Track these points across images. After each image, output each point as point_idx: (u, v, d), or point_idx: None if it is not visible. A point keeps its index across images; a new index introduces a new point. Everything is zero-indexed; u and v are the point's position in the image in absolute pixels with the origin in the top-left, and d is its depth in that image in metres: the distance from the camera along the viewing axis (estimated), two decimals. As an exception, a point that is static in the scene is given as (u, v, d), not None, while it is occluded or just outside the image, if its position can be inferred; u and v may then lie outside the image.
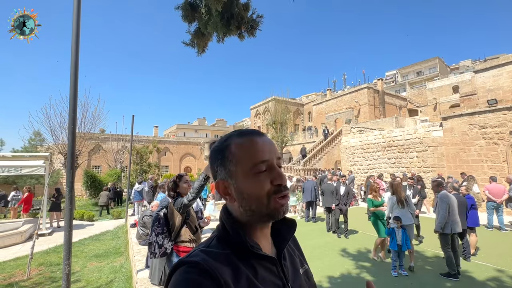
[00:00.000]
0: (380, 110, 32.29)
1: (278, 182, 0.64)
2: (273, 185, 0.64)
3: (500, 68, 15.02)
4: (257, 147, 0.65)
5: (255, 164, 0.64)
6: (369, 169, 17.12)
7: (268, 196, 0.63)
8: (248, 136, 0.67)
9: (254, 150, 0.65)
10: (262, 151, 0.65)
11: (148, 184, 10.95)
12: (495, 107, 11.58)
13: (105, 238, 8.26)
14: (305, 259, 0.82)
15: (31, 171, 8.98)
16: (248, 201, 0.64)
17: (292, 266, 0.73)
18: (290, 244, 0.80)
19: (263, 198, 0.63)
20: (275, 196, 0.64)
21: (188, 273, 0.54)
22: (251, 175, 0.64)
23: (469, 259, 5.27)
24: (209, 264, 0.56)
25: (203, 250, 0.62)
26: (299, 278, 0.72)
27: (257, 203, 0.64)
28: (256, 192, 0.64)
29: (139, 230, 6.04)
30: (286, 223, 0.75)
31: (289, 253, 0.76)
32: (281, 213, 0.65)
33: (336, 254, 5.82)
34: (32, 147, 18.00)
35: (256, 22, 3.13)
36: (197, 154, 34.81)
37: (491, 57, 37.33)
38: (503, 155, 11.20)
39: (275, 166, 0.66)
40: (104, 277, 5.05)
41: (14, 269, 5.68)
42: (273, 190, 0.64)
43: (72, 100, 2.79)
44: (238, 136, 0.68)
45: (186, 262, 0.57)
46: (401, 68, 49.15)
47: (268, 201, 0.64)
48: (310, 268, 0.82)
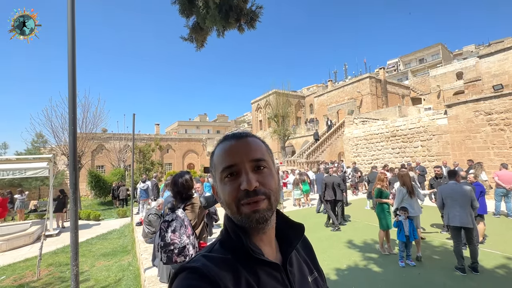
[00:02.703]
0: (383, 100, 31.94)
1: (242, 187, 0.61)
2: (240, 190, 0.61)
3: (505, 52, 14.71)
4: (226, 151, 0.66)
5: (224, 169, 0.64)
6: (373, 160, 17.03)
7: (236, 202, 0.62)
8: (225, 140, 0.69)
9: (223, 155, 0.66)
10: (231, 154, 0.64)
11: (152, 182, 10.98)
12: (501, 93, 11.37)
13: (112, 237, 8.34)
14: (317, 266, 0.79)
15: (35, 173, 9.03)
16: (224, 205, 0.65)
17: (300, 273, 0.70)
18: (300, 250, 0.77)
19: (232, 204, 0.63)
20: (242, 202, 0.61)
21: (189, 279, 0.55)
22: (222, 180, 0.65)
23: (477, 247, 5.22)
24: (209, 269, 0.56)
25: (204, 255, 0.62)
26: (306, 286, 0.68)
27: (230, 209, 0.64)
28: (226, 198, 0.64)
29: (145, 228, 6.08)
30: (293, 228, 0.72)
31: (297, 259, 0.72)
32: (253, 220, 0.61)
33: (342, 246, 5.82)
34: (35, 149, 18.09)
35: (255, 14, 3.03)
36: (200, 151, 34.87)
37: (496, 41, 36.49)
38: (509, 141, 11.05)
39: (242, 170, 0.63)
40: (112, 275, 5.10)
41: (24, 270, 5.76)
42: (239, 195, 0.61)
43: (71, 101, 2.75)
44: (220, 141, 0.70)
45: (187, 267, 0.57)
46: (403, 56, 48.37)
47: (238, 208, 0.62)
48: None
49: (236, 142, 0.66)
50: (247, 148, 0.65)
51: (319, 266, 0.80)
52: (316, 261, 0.80)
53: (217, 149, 0.69)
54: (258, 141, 0.69)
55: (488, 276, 4.15)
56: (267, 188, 0.63)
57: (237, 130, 28.25)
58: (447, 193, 4.54)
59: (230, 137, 0.68)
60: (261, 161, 0.65)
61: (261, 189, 0.62)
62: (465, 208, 4.31)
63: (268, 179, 0.64)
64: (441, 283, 3.98)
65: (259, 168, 0.64)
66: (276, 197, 0.65)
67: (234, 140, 0.67)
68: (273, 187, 0.65)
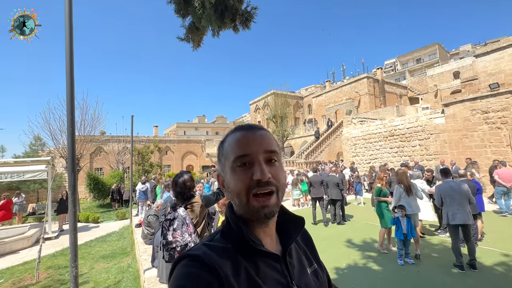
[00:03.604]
0: (381, 100, 32.04)
1: (256, 177, 0.61)
2: (253, 180, 0.62)
3: (501, 51, 14.82)
4: (240, 140, 0.66)
5: (237, 158, 0.64)
6: (371, 160, 17.08)
7: (247, 192, 0.62)
8: (238, 130, 0.69)
9: (237, 144, 0.65)
10: (245, 144, 0.65)
11: (151, 184, 10.96)
12: (497, 91, 11.44)
13: (111, 239, 8.31)
14: (317, 258, 0.80)
15: (33, 176, 9.00)
16: (232, 195, 0.66)
17: (299, 264, 0.71)
18: (300, 242, 0.78)
19: (242, 193, 0.63)
20: (253, 192, 0.62)
21: (189, 266, 0.56)
22: (233, 169, 0.65)
23: (476, 245, 5.25)
24: (209, 257, 0.57)
25: (205, 244, 0.63)
26: (305, 277, 0.70)
27: (238, 199, 0.64)
28: (236, 186, 0.64)
29: (144, 229, 6.08)
30: (293, 220, 0.73)
31: (296, 251, 0.74)
32: (261, 215, 0.62)
33: (342, 246, 5.83)
34: (33, 152, 18.03)
35: (250, 14, 3.06)
36: (199, 152, 34.82)
37: (492, 40, 36.75)
38: (506, 139, 11.11)
39: (257, 160, 0.63)
40: (112, 277, 5.08)
41: (23, 273, 5.73)
42: (251, 185, 0.62)
43: (69, 103, 2.76)
44: (232, 131, 0.70)
45: (187, 255, 0.58)
46: (400, 56, 48.62)
47: (247, 199, 0.62)
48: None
49: (251, 132, 0.67)
50: (262, 139, 0.66)
51: (319, 259, 0.80)
52: (316, 253, 0.81)
53: (228, 138, 0.69)
54: (270, 134, 0.70)
55: (486, 273, 4.16)
56: (277, 181, 0.64)
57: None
58: (445, 192, 4.55)
59: (244, 128, 0.69)
60: (274, 153, 0.66)
61: (273, 181, 0.63)
62: (464, 205, 4.34)
63: (278, 172, 0.65)
64: (440, 281, 4.00)
65: (270, 161, 0.65)
66: (283, 191, 0.67)
67: (248, 131, 0.67)
68: (282, 181, 0.66)
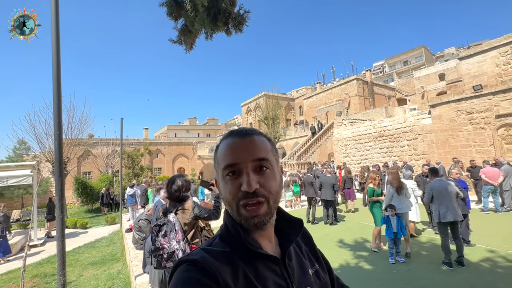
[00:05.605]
0: (370, 101, 32.68)
1: (243, 189, 0.60)
2: (241, 190, 0.61)
3: (483, 54, 15.40)
4: (229, 148, 0.65)
5: (226, 166, 0.63)
6: (362, 160, 17.37)
7: (236, 202, 0.62)
8: (229, 136, 0.67)
9: (226, 152, 0.65)
10: (233, 153, 0.63)
11: (141, 187, 10.75)
12: (480, 93, 11.88)
13: (100, 245, 8.10)
14: (318, 258, 0.79)
15: (18, 181, 8.68)
16: (224, 203, 0.66)
17: (300, 266, 0.70)
18: (301, 243, 0.77)
19: (232, 203, 0.62)
20: (241, 203, 0.61)
21: (188, 271, 0.56)
22: (223, 177, 0.64)
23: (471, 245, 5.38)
24: (208, 262, 0.57)
25: (204, 248, 0.63)
26: (306, 279, 0.69)
27: (230, 208, 0.64)
28: (225, 195, 0.64)
29: (135, 234, 5.95)
30: (291, 223, 0.73)
31: (296, 253, 0.73)
32: (251, 224, 0.61)
33: (335, 246, 5.88)
34: (18, 157, 17.40)
35: (243, 18, 3.06)
36: (190, 155, 34.47)
37: (475, 43, 38.14)
38: (490, 139, 11.53)
39: (245, 170, 0.62)
40: (101, 284, 4.94)
41: (7, 283, 5.50)
42: (239, 195, 0.61)
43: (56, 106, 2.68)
44: (225, 136, 0.69)
45: (186, 260, 0.58)
46: (388, 58, 49.76)
47: (237, 208, 0.62)
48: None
49: (240, 139, 0.65)
50: (250, 147, 0.64)
51: (320, 258, 0.79)
52: (317, 253, 0.80)
53: (221, 144, 0.68)
54: (263, 139, 0.67)
55: (474, 269, 4.30)
56: (267, 190, 0.62)
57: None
58: (436, 190, 4.69)
59: (235, 134, 0.67)
60: (264, 160, 0.64)
61: (261, 191, 0.61)
62: (453, 202, 4.50)
63: (269, 180, 0.63)
64: (430, 278, 4.09)
65: (261, 169, 0.63)
66: (275, 199, 0.65)
67: (238, 137, 0.66)
68: (273, 190, 0.63)
